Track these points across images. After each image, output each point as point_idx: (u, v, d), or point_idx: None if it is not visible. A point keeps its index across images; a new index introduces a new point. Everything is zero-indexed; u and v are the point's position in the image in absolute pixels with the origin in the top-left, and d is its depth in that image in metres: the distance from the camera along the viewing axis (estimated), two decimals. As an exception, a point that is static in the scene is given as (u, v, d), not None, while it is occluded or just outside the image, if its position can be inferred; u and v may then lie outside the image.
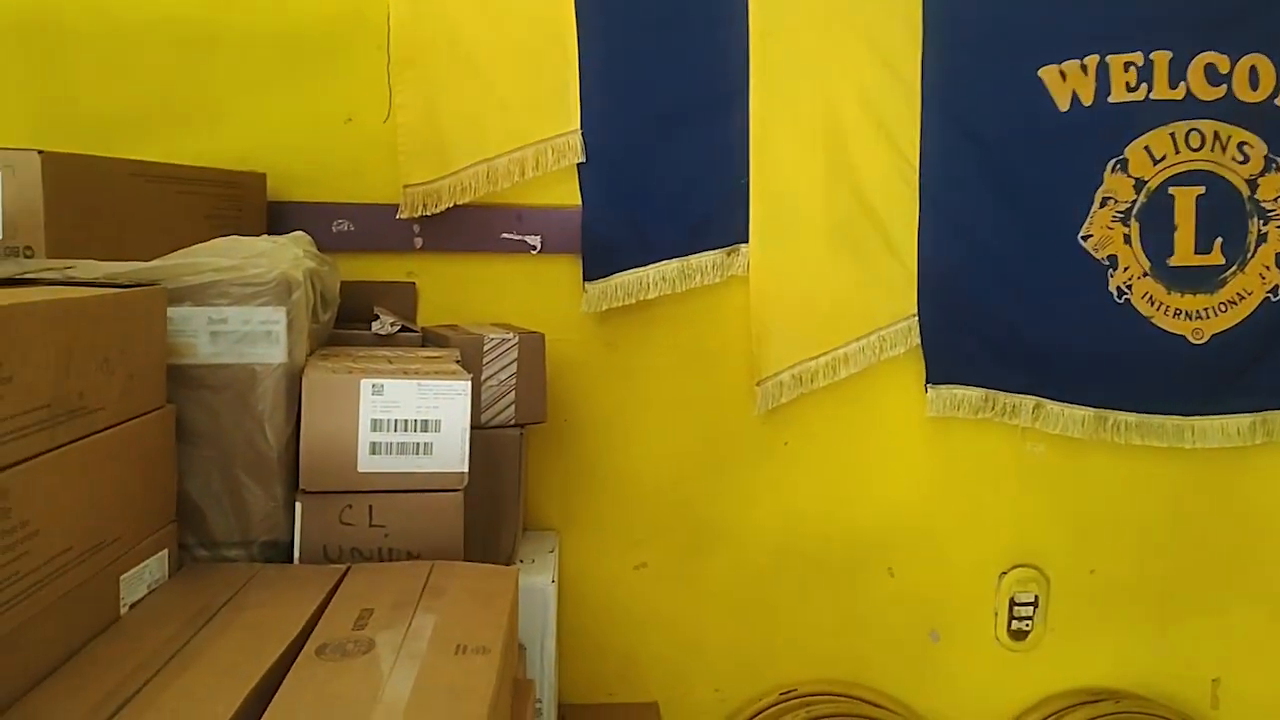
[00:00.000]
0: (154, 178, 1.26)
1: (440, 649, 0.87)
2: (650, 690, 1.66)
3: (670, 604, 1.65)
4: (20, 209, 1.08)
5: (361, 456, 1.09)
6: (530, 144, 1.52)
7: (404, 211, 1.51)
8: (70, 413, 0.83)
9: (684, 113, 1.53)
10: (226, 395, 1.09)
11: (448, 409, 1.10)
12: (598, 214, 1.55)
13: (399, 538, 1.11)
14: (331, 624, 0.92)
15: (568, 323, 1.57)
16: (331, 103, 1.53)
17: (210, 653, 0.86)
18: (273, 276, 1.08)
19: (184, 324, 1.06)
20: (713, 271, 1.56)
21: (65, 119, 1.50)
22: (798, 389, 1.58)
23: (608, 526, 1.63)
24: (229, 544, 1.09)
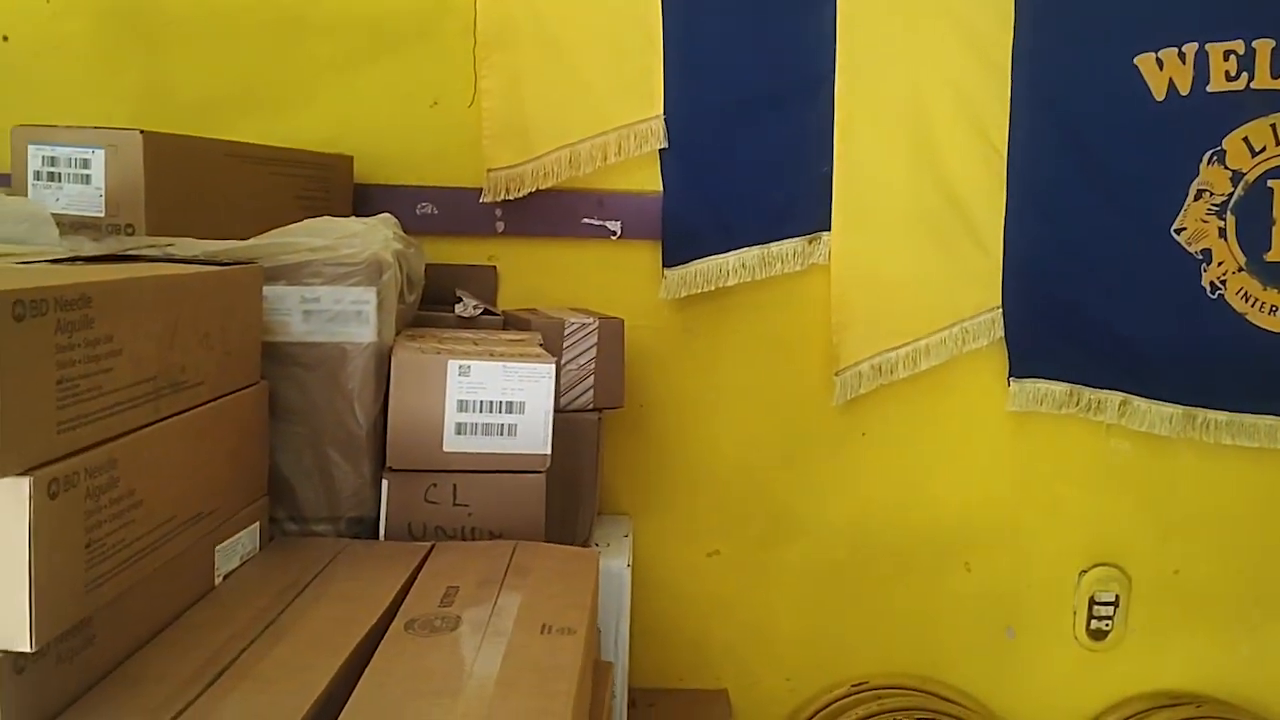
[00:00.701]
0: (248, 158, 1.28)
1: (526, 628, 0.88)
2: (720, 677, 1.66)
3: (742, 592, 1.65)
4: (122, 187, 1.10)
5: (447, 436, 1.10)
6: (613, 129, 1.52)
7: (487, 195, 1.52)
8: (173, 386, 0.86)
9: (768, 98, 1.52)
10: (318, 373, 1.11)
11: (532, 391, 1.11)
12: (679, 200, 1.54)
13: (482, 517, 1.12)
14: (419, 600, 0.93)
15: (646, 309, 1.57)
16: (418, 86, 1.54)
17: (302, 624, 0.88)
18: (364, 257, 1.10)
19: (278, 302, 1.09)
20: (794, 259, 1.55)
21: (162, 101, 1.54)
22: (877, 380, 1.56)
23: (681, 513, 1.63)
24: (317, 519, 1.12)
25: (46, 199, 1.11)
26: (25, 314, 0.65)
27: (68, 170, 1.11)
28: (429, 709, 0.74)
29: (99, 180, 1.10)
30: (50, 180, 1.11)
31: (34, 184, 1.12)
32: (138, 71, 1.54)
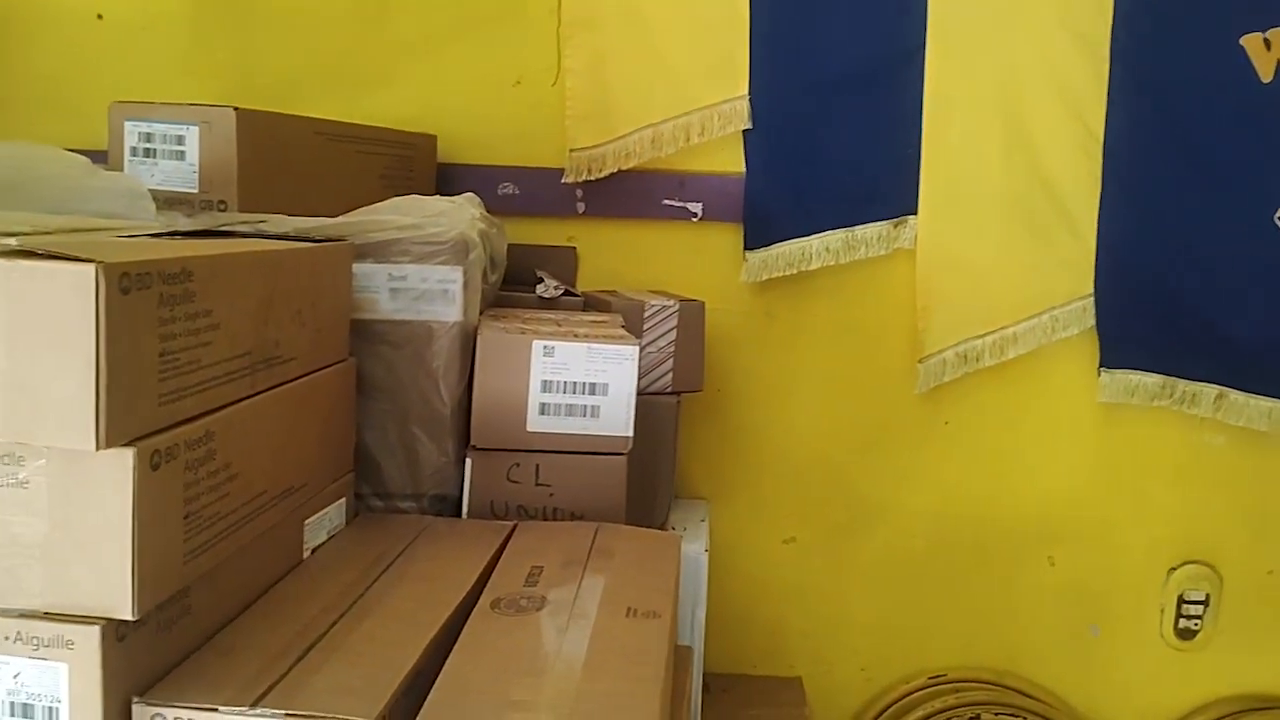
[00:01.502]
0: (336, 137, 1.29)
1: (612, 611, 0.87)
2: (794, 665, 1.65)
3: (818, 580, 1.63)
4: (215, 164, 1.12)
5: (531, 416, 1.10)
6: (696, 109, 1.50)
7: (569, 176, 1.52)
8: (267, 361, 0.86)
9: (856, 79, 1.49)
10: (404, 351, 1.11)
11: (615, 373, 1.11)
12: (762, 181, 1.52)
13: (563, 498, 1.12)
14: (504, 579, 0.93)
15: (725, 291, 1.55)
16: (501, 65, 1.54)
17: (390, 600, 0.89)
18: (451, 236, 1.10)
19: (366, 280, 1.09)
20: (878, 243, 1.52)
21: (249, 79, 1.56)
22: (962, 368, 1.53)
23: (757, 499, 1.61)
24: (401, 495, 1.12)
25: (142, 174, 1.12)
26: (131, 287, 0.65)
27: (163, 146, 1.12)
28: (517, 689, 0.74)
29: (193, 156, 1.12)
30: (146, 156, 1.13)
31: (130, 160, 1.14)
32: (226, 49, 1.56)
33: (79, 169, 0.98)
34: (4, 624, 0.68)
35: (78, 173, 0.98)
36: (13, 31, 1.58)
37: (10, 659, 0.68)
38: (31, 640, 0.67)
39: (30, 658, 0.67)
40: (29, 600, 0.68)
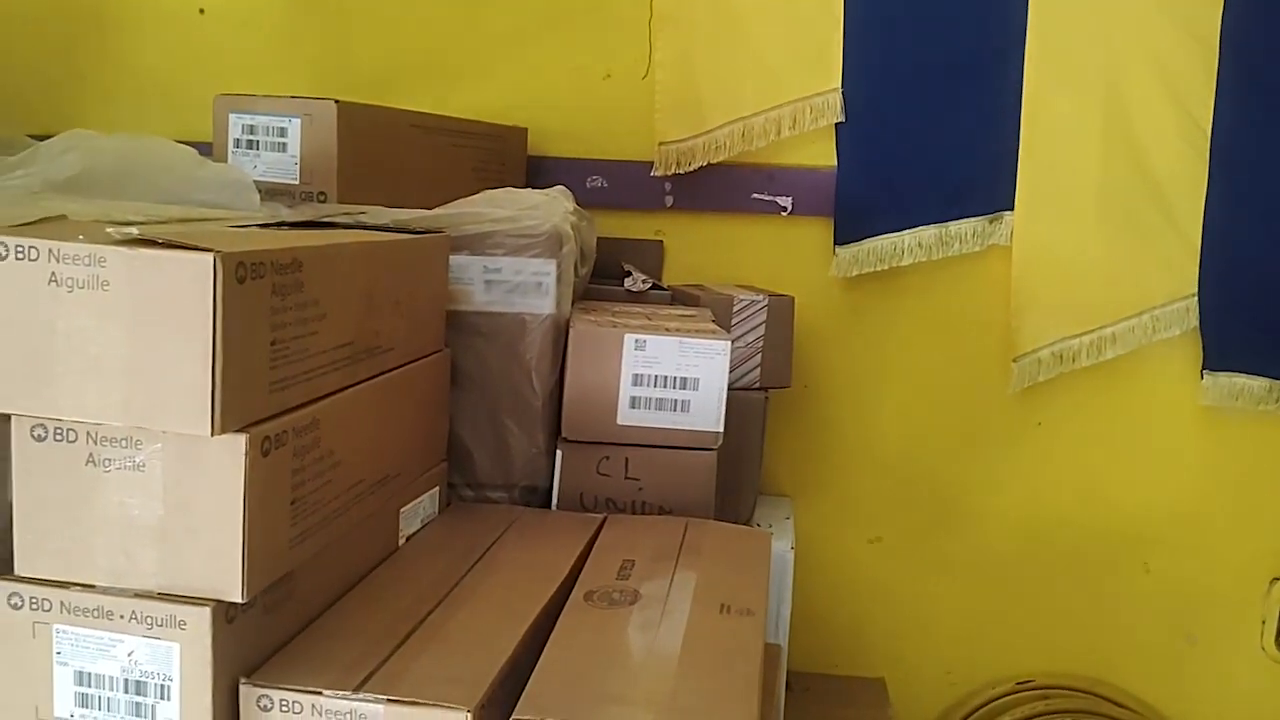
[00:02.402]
0: (430, 129, 1.30)
1: (705, 606, 0.87)
2: (877, 666, 1.62)
3: (903, 581, 1.61)
4: (316, 155, 1.14)
5: (622, 409, 1.10)
6: (788, 102, 1.49)
7: (658, 169, 1.51)
8: (368, 351, 0.87)
9: (952, 70, 1.46)
10: (497, 343, 1.12)
11: (706, 368, 1.10)
12: (854, 175, 1.50)
13: (652, 492, 1.12)
14: (596, 572, 0.93)
15: (813, 287, 1.53)
16: (592, 58, 1.54)
17: (484, 589, 0.89)
18: (546, 229, 1.10)
19: (461, 272, 1.10)
20: (973, 239, 1.49)
21: (343, 72, 1.58)
22: (1057, 368, 1.49)
23: (843, 497, 1.59)
24: (492, 485, 1.13)
25: (245, 166, 1.15)
26: (246, 276, 0.67)
27: (265, 138, 1.14)
28: (613, 682, 0.74)
29: (294, 148, 1.14)
30: (249, 148, 1.15)
31: (233, 151, 1.16)
32: (322, 43, 1.59)
33: (188, 160, 1.01)
34: (120, 603, 0.70)
35: (187, 164, 1.01)
36: (119, 27, 1.62)
37: (125, 637, 0.70)
38: (146, 620, 0.69)
39: (144, 637, 0.69)
40: (144, 581, 0.70)
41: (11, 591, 0.70)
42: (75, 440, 0.69)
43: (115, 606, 0.70)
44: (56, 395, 0.67)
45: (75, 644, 0.70)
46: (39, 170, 0.91)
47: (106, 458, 0.68)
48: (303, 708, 0.71)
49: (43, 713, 0.72)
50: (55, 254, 0.65)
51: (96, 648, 0.70)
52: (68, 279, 0.65)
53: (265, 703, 0.71)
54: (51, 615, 0.70)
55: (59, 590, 0.70)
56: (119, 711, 0.70)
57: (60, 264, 0.65)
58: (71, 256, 0.65)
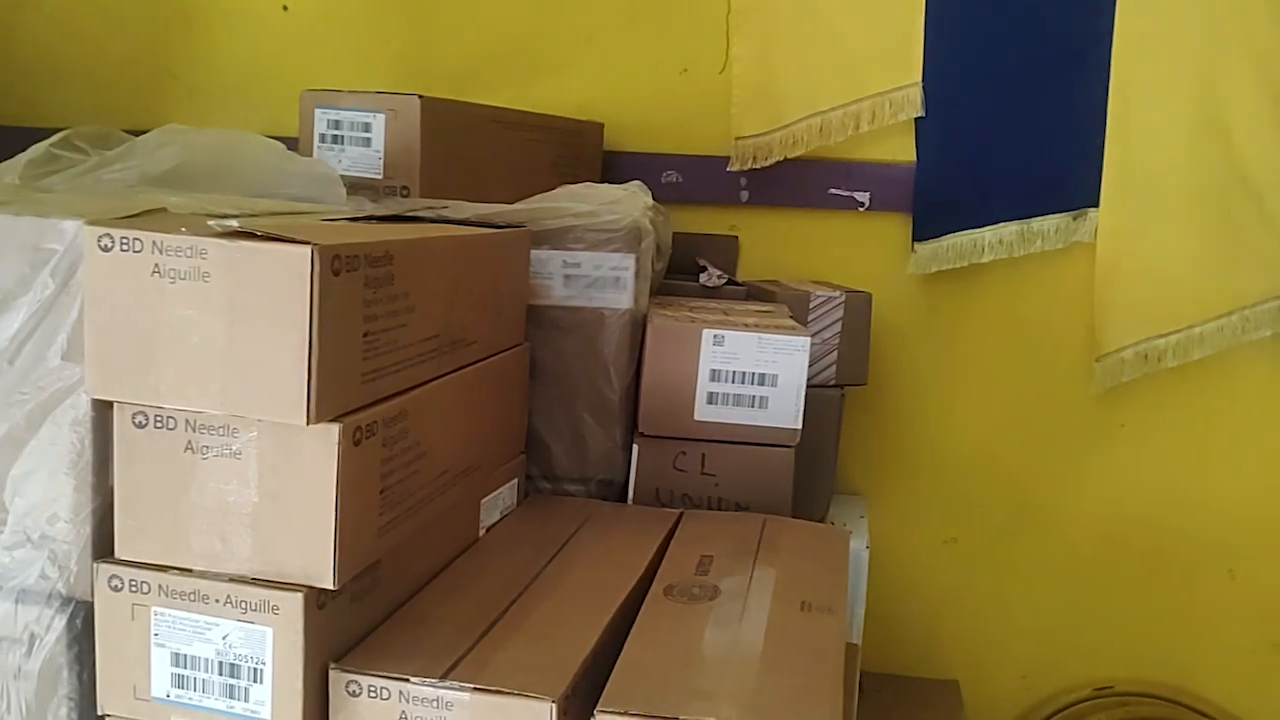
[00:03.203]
0: (510, 124, 1.31)
1: (785, 604, 0.86)
2: (951, 668, 1.60)
3: (979, 583, 1.59)
4: (400, 150, 1.15)
5: (699, 405, 1.10)
6: (867, 97, 1.47)
7: (734, 164, 1.51)
8: (453, 344, 0.88)
9: (1037, 62, 1.43)
10: (575, 337, 1.12)
11: (785, 364, 1.09)
12: (933, 171, 1.48)
13: (729, 488, 1.12)
14: (674, 566, 0.93)
15: (890, 284, 1.51)
16: (669, 53, 1.54)
17: (565, 581, 0.90)
18: (625, 224, 1.11)
19: (540, 266, 1.11)
20: (1055, 236, 1.46)
21: (422, 67, 1.60)
22: (1142, 368, 1.46)
23: (918, 497, 1.58)
24: (569, 479, 1.14)
25: (329, 160, 1.16)
26: (341, 269, 0.68)
27: (350, 133, 1.16)
28: (697, 678, 0.74)
29: (378, 143, 1.15)
30: (334, 143, 1.17)
31: (318, 146, 1.18)
32: (401, 39, 1.61)
33: (277, 155, 1.03)
34: (215, 587, 0.71)
35: (276, 158, 1.02)
36: (207, 24, 1.66)
37: (220, 621, 0.71)
38: (240, 604, 0.71)
39: (238, 621, 0.71)
40: (238, 566, 0.71)
41: (112, 574, 0.73)
42: (175, 428, 0.70)
43: (211, 590, 0.71)
44: (158, 383, 0.69)
45: (172, 626, 0.72)
46: (137, 164, 0.94)
47: (204, 445, 0.70)
48: (390, 694, 0.72)
49: (140, 692, 0.73)
50: (159, 246, 0.67)
51: (192, 630, 0.72)
52: (170, 270, 0.67)
53: (354, 688, 0.72)
54: (150, 598, 0.72)
55: (157, 573, 0.72)
56: (213, 693, 0.72)
57: (163, 256, 0.67)
58: (174, 248, 0.67)
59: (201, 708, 0.73)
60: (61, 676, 0.75)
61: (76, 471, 0.73)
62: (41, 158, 0.96)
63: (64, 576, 0.75)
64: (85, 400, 0.72)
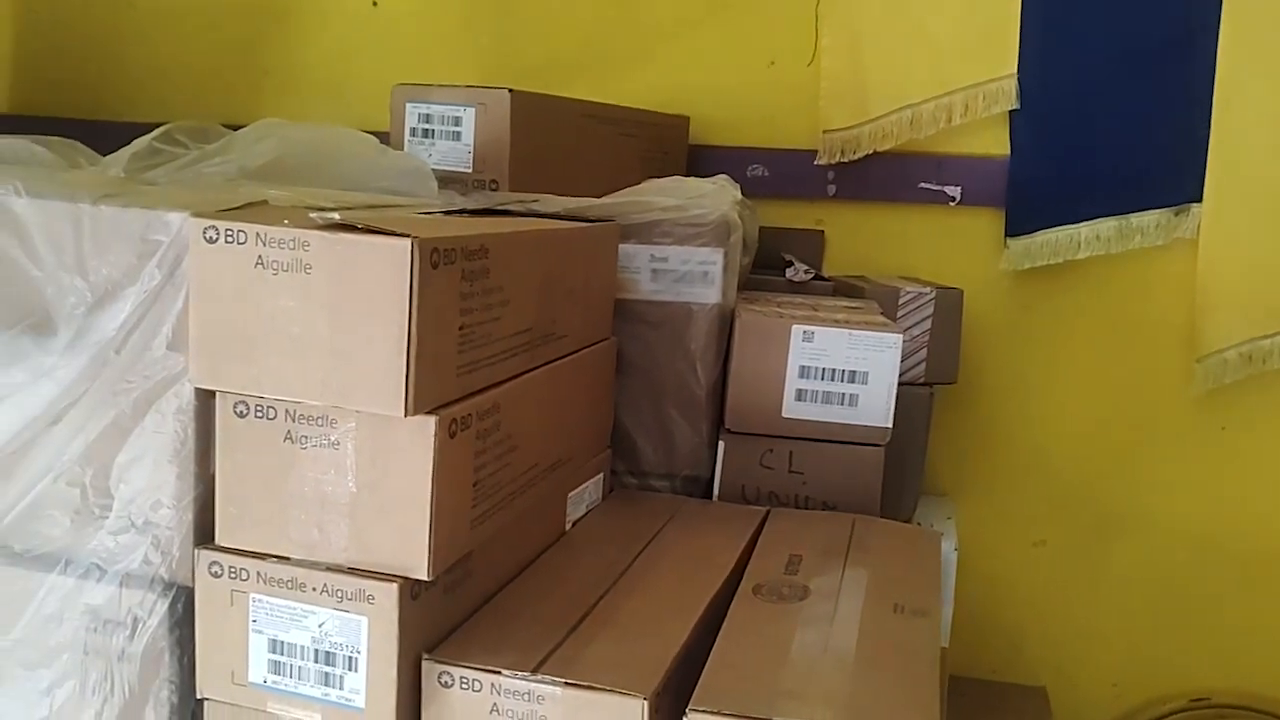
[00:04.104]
0: (598, 118, 1.31)
1: (878, 605, 0.85)
2: (1038, 674, 1.57)
3: (1069, 587, 1.54)
4: (489, 144, 1.15)
5: (787, 402, 1.09)
6: (960, 89, 1.44)
7: (822, 158, 1.49)
8: (544, 338, 0.88)
9: (1139, 53, 1.39)
10: (662, 331, 1.12)
11: (876, 361, 1.08)
12: (1028, 164, 1.44)
13: (816, 487, 1.10)
14: (763, 565, 0.92)
15: (979, 280, 1.48)
16: (755, 46, 1.53)
17: (652, 578, 0.90)
18: (714, 218, 1.10)
19: (628, 260, 1.10)
20: (1155, 232, 1.42)
21: (508, 61, 1.61)
22: (1246, 369, 1.40)
23: (1006, 498, 1.54)
24: (655, 474, 1.14)
25: (420, 154, 1.17)
26: (440, 262, 0.68)
27: (440, 127, 1.17)
28: (789, 678, 0.73)
29: (468, 137, 1.16)
30: (424, 137, 1.18)
31: (409, 140, 1.19)
32: (489, 33, 1.62)
33: (371, 148, 1.04)
34: (312, 576, 0.72)
35: (370, 152, 1.03)
36: (299, 22, 1.69)
37: (317, 609, 0.72)
38: (336, 593, 0.72)
39: (334, 609, 0.72)
40: (335, 555, 0.72)
41: (212, 560, 0.74)
42: (275, 417, 0.71)
43: (308, 579, 0.72)
44: (260, 373, 0.70)
45: (270, 613, 0.73)
46: (235, 158, 0.95)
47: (304, 435, 0.71)
48: (482, 686, 0.72)
49: (238, 677, 0.75)
50: (262, 238, 0.68)
51: (289, 617, 0.73)
52: (273, 262, 0.68)
53: (446, 679, 0.73)
54: (249, 585, 0.73)
55: (256, 561, 0.73)
56: (309, 680, 0.73)
57: (266, 247, 0.68)
58: (277, 240, 0.67)
59: (297, 694, 0.74)
60: (163, 660, 0.76)
61: (179, 459, 0.75)
62: (144, 151, 0.98)
63: (166, 562, 0.76)
64: (189, 389, 0.73)
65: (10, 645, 0.78)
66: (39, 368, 0.75)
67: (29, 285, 0.75)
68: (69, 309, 0.74)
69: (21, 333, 0.75)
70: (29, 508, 0.77)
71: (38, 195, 0.76)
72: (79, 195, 0.76)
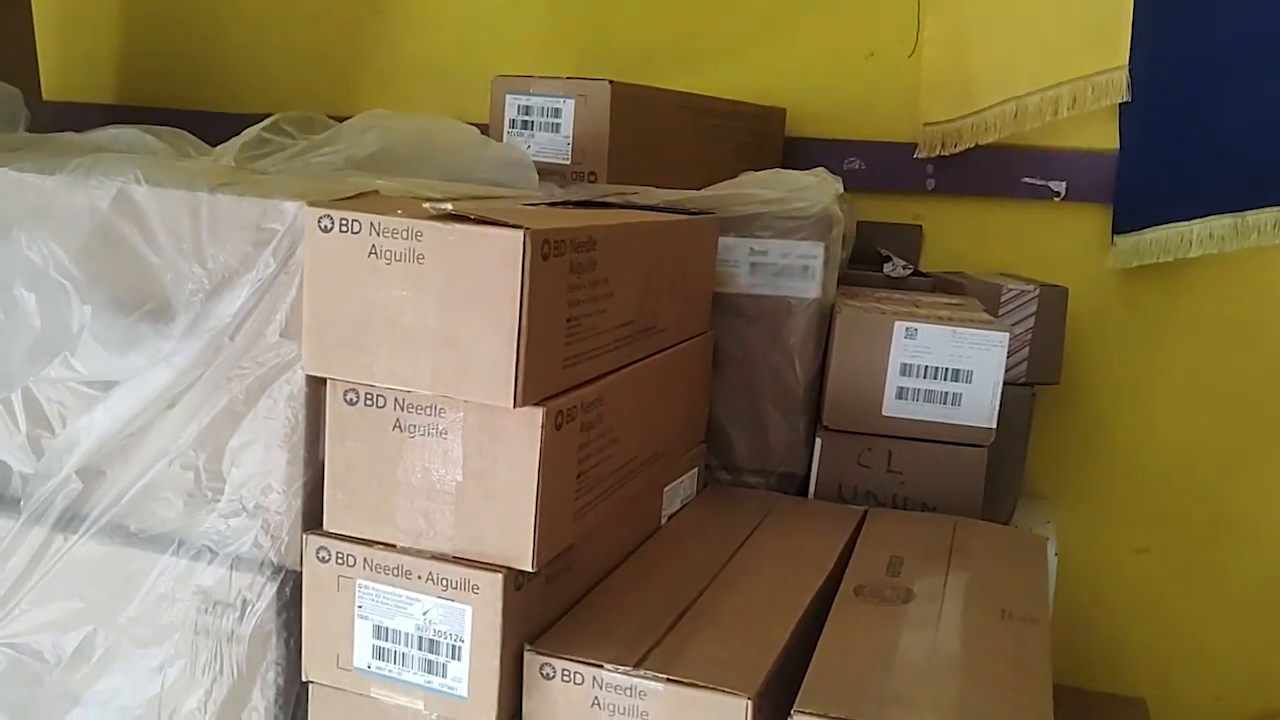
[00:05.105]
0: (696, 110, 1.30)
1: (984, 611, 0.83)
2: (1137, 684, 1.52)
3: (1172, 596, 1.49)
4: (588, 136, 1.15)
5: (887, 400, 1.06)
6: (1067, 81, 1.39)
7: (922, 151, 1.46)
8: (645, 330, 0.88)
9: (1256, 43, 1.33)
10: (759, 326, 1.10)
11: (981, 360, 1.05)
12: (1138, 159, 1.39)
13: (915, 487, 1.08)
14: (863, 566, 0.90)
15: (1083, 278, 1.43)
16: (854, 37, 1.50)
17: (751, 575, 0.88)
18: (815, 211, 1.08)
19: (726, 254, 1.09)
20: (1274, 231, 1.35)
21: (603, 52, 1.61)
22: (1366, 374, 1.35)
23: (1108, 503, 1.49)
24: (749, 470, 1.12)
25: (518, 146, 1.18)
26: (550, 253, 0.68)
27: (540, 119, 1.17)
28: (896, 683, 0.71)
29: (567, 129, 1.16)
30: (524, 128, 1.18)
31: (509, 131, 1.19)
32: (583, 24, 1.62)
33: (473, 140, 1.04)
34: (418, 564, 0.72)
35: (471, 143, 1.04)
36: (400, 13, 1.71)
37: (422, 597, 0.73)
38: (441, 581, 0.72)
39: (439, 598, 0.72)
40: (440, 544, 0.72)
41: (320, 546, 0.75)
42: (384, 406, 0.72)
43: (414, 567, 0.72)
44: (371, 362, 0.70)
45: (375, 600, 0.74)
46: (343, 148, 0.96)
47: (412, 424, 0.71)
48: (584, 679, 0.72)
49: (343, 662, 0.76)
50: (376, 227, 0.68)
51: (394, 605, 0.73)
52: (386, 251, 0.68)
53: (548, 671, 0.73)
54: (355, 571, 0.74)
55: (362, 547, 0.74)
56: (413, 667, 0.74)
57: (380, 237, 0.68)
58: (391, 230, 0.68)
59: (401, 681, 0.74)
60: (270, 642, 0.78)
61: (290, 445, 0.76)
62: (254, 141, 0.99)
63: (275, 546, 0.77)
64: (300, 376, 0.74)
65: (125, 623, 0.80)
66: (156, 353, 0.76)
67: (148, 272, 0.77)
68: (187, 296, 0.76)
69: (140, 319, 0.77)
70: (144, 489, 0.79)
71: (157, 184, 0.78)
72: (196, 184, 0.77)
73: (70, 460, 0.80)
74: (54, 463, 0.80)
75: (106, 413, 0.78)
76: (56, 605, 0.81)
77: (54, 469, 0.80)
